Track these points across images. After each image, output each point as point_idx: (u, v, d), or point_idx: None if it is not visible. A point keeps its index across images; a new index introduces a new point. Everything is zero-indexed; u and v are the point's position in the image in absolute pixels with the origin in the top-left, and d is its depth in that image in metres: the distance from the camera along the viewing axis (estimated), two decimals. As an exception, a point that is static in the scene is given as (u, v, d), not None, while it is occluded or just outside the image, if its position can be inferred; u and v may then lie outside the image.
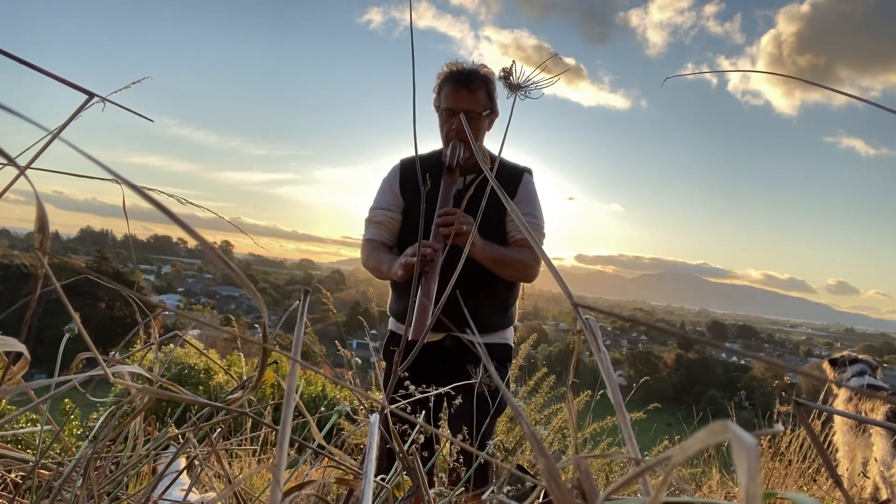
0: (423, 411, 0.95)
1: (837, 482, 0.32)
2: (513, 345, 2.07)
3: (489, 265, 1.83)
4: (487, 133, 1.97)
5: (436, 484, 0.74)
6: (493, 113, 1.93)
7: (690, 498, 0.29)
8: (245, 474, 0.28)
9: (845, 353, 3.16)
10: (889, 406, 2.55)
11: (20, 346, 0.29)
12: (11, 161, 0.28)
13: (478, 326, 1.91)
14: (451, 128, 1.85)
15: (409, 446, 0.71)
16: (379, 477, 0.52)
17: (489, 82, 1.86)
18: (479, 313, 1.92)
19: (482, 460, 1.28)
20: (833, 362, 3.14)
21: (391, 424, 0.53)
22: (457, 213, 1.65)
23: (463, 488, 0.74)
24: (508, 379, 2.05)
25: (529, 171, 1.99)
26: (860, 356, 3.15)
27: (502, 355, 1.99)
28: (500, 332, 2.00)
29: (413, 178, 1.98)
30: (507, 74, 0.97)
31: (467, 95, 1.83)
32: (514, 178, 1.95)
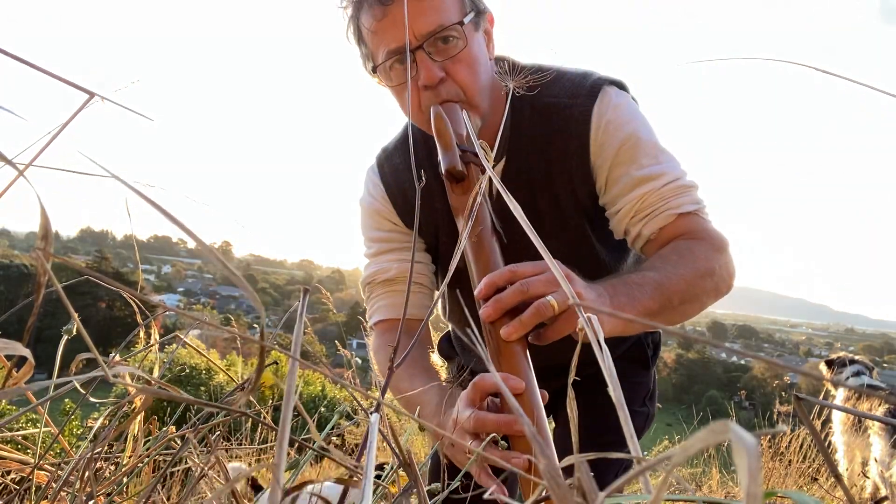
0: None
1: (838, 480, 0.32)
2: (654, 383, 1.29)
3: (649, 320, 0.77)
4: (491, 53, 0.99)
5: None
6: (481, 13, 0.93)
7: (691, 497, 0.29)
8: (245, 473, 0.28)
9: (842, 354, 3.17)
10: (887, 406, 2.55)
11: (24, 350, 0.29)
12: (10, 162, 0.28)
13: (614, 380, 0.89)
14: (420, 85, 0.88)
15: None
16: (376, 475, 0.52)
17: None
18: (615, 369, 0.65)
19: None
20: (830, 364, 3.16)
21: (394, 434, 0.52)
22: (517, 273, 0.67)
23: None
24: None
25: (616, 83, 0.97)
26: (856, 357, 3.17)
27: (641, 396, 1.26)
28: (644, 373, 1.25)
29: (405, 199, 1.07)
30: (503, 71, 0.96)
31: (412, 5, 0.83)
32: (576, 115, 0.95)
